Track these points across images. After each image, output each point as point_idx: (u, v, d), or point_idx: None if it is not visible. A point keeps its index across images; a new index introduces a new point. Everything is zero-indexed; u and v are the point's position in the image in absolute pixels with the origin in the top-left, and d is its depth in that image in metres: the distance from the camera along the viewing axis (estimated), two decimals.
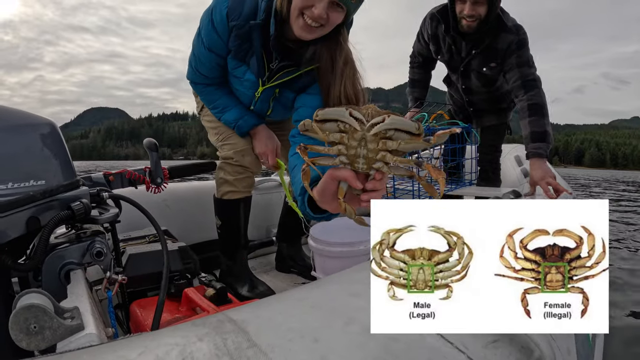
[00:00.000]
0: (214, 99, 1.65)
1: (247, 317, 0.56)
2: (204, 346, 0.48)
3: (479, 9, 2.02)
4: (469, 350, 0.54)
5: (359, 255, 1.62)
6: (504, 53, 2.12)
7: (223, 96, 1.65)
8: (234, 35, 1.42)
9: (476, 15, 2.03)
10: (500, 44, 2.12)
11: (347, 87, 1.32)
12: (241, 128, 1.66)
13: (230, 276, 1.81)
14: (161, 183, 1.58)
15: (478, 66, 2.25)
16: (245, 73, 1.51)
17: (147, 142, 1.55)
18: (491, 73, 2.24)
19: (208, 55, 1.50)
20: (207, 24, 1.43)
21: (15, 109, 0.90)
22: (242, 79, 1.54)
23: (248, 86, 1.56)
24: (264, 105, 1.64)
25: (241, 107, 1.65)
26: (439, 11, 2.22)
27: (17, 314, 0.55)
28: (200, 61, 1.55)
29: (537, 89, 2.02)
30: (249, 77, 1.52)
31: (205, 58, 1.52)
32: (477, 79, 2.33)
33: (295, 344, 0.50)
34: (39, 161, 0.88)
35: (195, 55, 1.55)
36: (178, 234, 1.74)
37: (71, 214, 0.87)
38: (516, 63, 2.08)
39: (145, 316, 1.17)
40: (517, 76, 2.07)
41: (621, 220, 6.19)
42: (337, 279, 0.75)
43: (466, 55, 2.25)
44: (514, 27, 2.12)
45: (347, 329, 0.54)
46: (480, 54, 2.21)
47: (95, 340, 0.57)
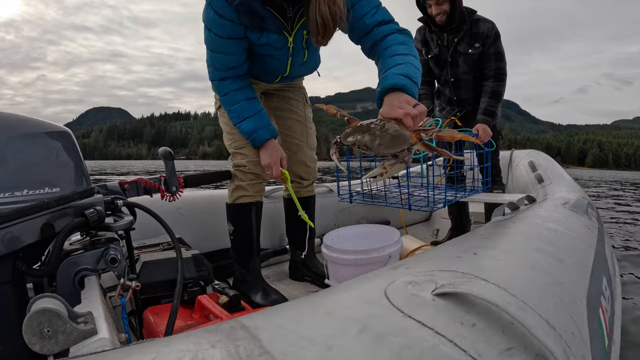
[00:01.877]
0: (235, 100, 1.66)
1: (259, 324, 0.56)
2: (216, 353, 0.48)
3: (443, 6, 2.48)
4: (483, 358, 0.53)
5: (372, 263, 1.61)
6: (485, 36, 2.56)
7: (243, 101, 1.66)
8: (243, 12, 1.44)
9: (442, 12, 2.49)
10: (481, 29, 2.56)
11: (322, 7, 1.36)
12: (255, 141, 1.68)
13: (243, 284, 1.82)
14: (176, 192, 1.59)
15: (464, 49, 2.62)
16: (269, 36, 1.54)
17: (163, 150, 1.56)
18: (477, 53, 2.60)
19: (229, 43, 1.53)
20: (213, 16, 1.45)
21: (30, 117, 0.91)
22: (269, 42, 1.56)
23: (279, 46, 1.59)
24: (300, 55, 1.68)
25: (258, 118, 1.67)
26: (420, 18, 2.69)
27: (31, 317, 0.55)
28: (224, 55, 1.57)
29: (503, 82, 2.61)
30: (274, 37, 1.55)
31: (228, 48, 1.54)
32: (465, 63, 2.66)
33: (308, 351, 0.49)
34: (54, 169, 0.89)
35: (215, 52, 1.57)
36: (192, 242, 1.75)
37: (85, 221, 0.88)
38: (493, 54, 2.58)
39: (159, 323, 1.18)
40: (494, 67, 2.59)
41: None
42: (350, 286, 0.74)
43: (450, 44, 2.65)
44: (486, 18, 2.59)
45: (360, 337, 0.53)
46: (464, 39, 2.60)
47: (108, 345, 0.57)
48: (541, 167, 3.12)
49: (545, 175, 2.90)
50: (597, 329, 0.86)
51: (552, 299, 0.75)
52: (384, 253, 1.62)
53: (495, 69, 2.59)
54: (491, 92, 2.59)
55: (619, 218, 6.76)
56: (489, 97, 2.59)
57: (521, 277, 0.80)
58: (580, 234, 1.32)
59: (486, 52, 2.58)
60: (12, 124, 0.86)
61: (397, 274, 0.76)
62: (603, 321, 0.96)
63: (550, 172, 2.98)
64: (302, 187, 2.05)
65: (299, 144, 2.01)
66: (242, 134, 1.71)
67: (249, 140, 1.70)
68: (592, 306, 0.89)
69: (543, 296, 0.74)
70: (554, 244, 1.08)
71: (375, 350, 0.51)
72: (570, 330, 0.69)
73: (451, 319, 0.59)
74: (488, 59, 2.60)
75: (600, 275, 1.16)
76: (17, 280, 0.85)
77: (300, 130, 2.01)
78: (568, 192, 2.19)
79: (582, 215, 1.62)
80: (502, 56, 2.61)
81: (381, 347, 0.51)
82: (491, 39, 2.55)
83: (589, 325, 0.80)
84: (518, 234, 1.14)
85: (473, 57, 2.61)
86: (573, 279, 0.92)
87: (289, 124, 2.00)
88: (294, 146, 2.00)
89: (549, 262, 0.93)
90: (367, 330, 0.54)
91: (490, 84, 2.61)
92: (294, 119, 2.00)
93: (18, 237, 0.80)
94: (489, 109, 2.57)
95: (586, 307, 0.84)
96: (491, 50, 2.57)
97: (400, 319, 0.58)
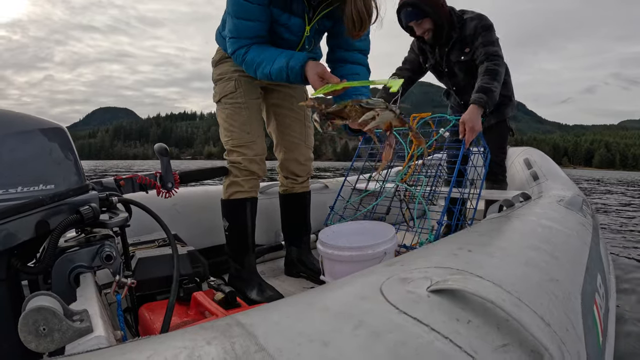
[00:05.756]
0: (260, 53, 1.58)
1: (255, 320, 0.56)
2: (212, 350, 0.48)
3: (424, 25, 2.40)
4: (478, 354, 0.53)
5: (368, 260, 1.61)
6: (472, 37, 2.42)
7: (268, 49, 1.59)
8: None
9: (425, 30, 2.42)
10: (468, 31, 2.43)
11: (358, 2, 1.44)
12: (293, 69, 1.52)
13: (238, 280, 1.82)
14: (172, 188, 1.59)
15: (456, 57, 2.53)
16: (290, 18, 1.57)
17: (158, 147, 1.56)
18: (468, 58, 2.48)
19: (254, 9, 1.51)
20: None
21: (24, 114, 0.90)
22: (288, 24, 1.60)
23: (295, 30, 1.63)
24: (309, 44, 1.73)
25: (287, 53, 1.57)
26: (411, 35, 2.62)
27: (27, 316, 0.55)
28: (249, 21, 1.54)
29: (498, 60, 2.33)
30: (295, 21, 1.59)
31: (253, 14, 1.52)
32: (460, 70, 2.58)
33: (304, 348, 0.49)
34: (48, 165, 0.89)
35: (239, 18, 1.54)
36: (187, 238, 1.75)
37: (80, 218, 0.88)
38: (482, 42, 2.39)
39: (154, 319, 1.18)
40: (483, 52, 2.37)
41: None
42: (346, 283, 0.74)
43: (441, 56, 2.58)
44: (475, 15, 2.46)
45: (355, 333, 0.53)
46: (455, 46, 2.50)
47: (104, 343, 0.57)
48: (536, 165, 3.13)
49: (541, 172, 2.91)
50: (592, 326, 0.87)
51: (547, 296, 0.75)
52: (379, 250, 1.62)
53: (485, 53, 2.35)
54: (486, 71, 2.30)
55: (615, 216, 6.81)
56: (484, 75, 2.29)
57: (516, 274, 0.80)
58: (575, 231, 1.33)
59: (474, 47, 2.43)
60: (6, 120, 0.85)
61: (392, 271, 0.76)
62: (597, 318, 0.96)
63: (545, 170, 2.98)
64: (296, 183, 2.06)
65: (297, 143, 2.01)
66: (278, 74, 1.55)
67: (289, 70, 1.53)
68: (586, 303, 0.89)
69: (538, 293, 0.75)
70: (549, 241, 1.09)
71: (370, 346, 0.51)
72: (565, 326, 0.70)
73: (446, 315, 0.59)
74: (477, 50, 2.42)
75: (595, 272, 1.17)
76: (12, 278, 0.85)
77: (299, 129, 2.01)
78: (563, 189, 2.20)
79: (577, 213, 1.63)
80: (492, 42, 2.38)
81: (377, 343, 0.51)
82: (478, 34, 2.39)
83: (584, 322, 0.80)
84: (513, 231, 1.15)
85: (467, 63, 2.52)
86: (568, 276, 0.92)
87: (288, 122, 2.00)
88: (291, 144, 2.01)
89: (544, 259, 0.93)
90: (363, 327, 0.55)
91: (483, 66, 2.33)
92: (293, 117, 2.00)
93: (12, 235, 0.80)
94: (484, 85, 2.24)
95: (581, 304, 0.85)
96: (478, 41, 2.39)
97: (396, 316, 0.58)
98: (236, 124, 1.78)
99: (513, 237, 1.08)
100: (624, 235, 4.91)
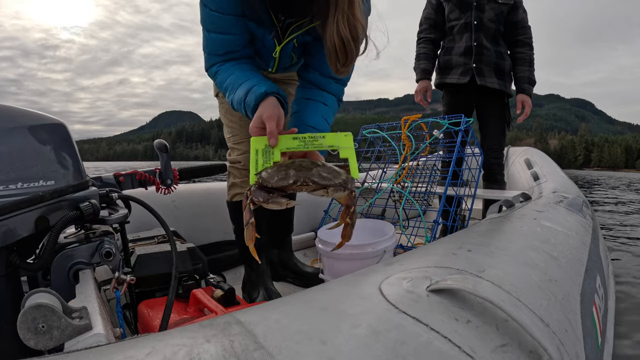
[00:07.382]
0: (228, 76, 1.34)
1: (254, 319, 0.56)
2: (211, 347, 0.48)
3: None
4: (477, 354, 0.53)
5: (368, 258, 1.61)
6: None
7: (235, 71, 1.34)
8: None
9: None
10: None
11: (340, 25, 1.12)
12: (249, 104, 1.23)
13: (249, 283, 1.80)
14: (171, 184, 1.59)
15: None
16: (265, 35, 1.37)
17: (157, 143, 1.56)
18: (508, 5, 2.53)
19: (226, 20, 1.29)
20: None
21: (25, 109, 0.90)
22: (264, 41, 1.40)
23: (270, 48, 1.43)
24: (287, 60, 1.53)
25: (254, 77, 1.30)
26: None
27: (26, 313, 0.55)
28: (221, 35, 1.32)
29: (533, 49, 2.60)
30: (269, 38, 1.38)
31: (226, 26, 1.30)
32: (492, 10, 2.55)
33: (303, 346, 0.49)
34: (48, 162, 0.88)
35: (210, 31, 1.33)
36: (187, 235, 1.75)
37: (80, 215, 0.88)
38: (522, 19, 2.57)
39: (153, 316, 1.18)
40: (529, 35, 2.58)
41: None
42: (345, 281, 0.74)
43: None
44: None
45: (354, 332, 0.53)
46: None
47: (103, 340, 0.57)
48: (537, 165, 3.13)
49: (541, 172, 2.91)
50: (591, 327, 0.87)
51: (546, 297, 0.75)
52: (379, 248, 1.63)
53: (529, 37, 2.57)
54: (530, 61, 2.56)
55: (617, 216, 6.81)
56: (529, 66, 2.56)
57: (516, 274, 0.80)
58: (574, 232, 1.33)
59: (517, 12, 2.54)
60: (7, 116, 0.85)
61: (391, 270, 0.76)
62: (596, 319, 0.97)
63: (546, 170, 2.98)
64: None
65: None
66: (239, 108, 1.28)
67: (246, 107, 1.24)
68: (585, 304, 0.89)
69: (537, 293, 0.75)
70: (548, 241, 1.09)
71: (369, 345, 0.51)
72: (564, 327, 0.70)
73: (445, 315, 0.59)
74: (522, 25, 2.56)
75: (594, 273, 1.17)
76: (11, 274, 0.85)
77: None
78: (563, 190, 2.20)
79: (577, 214, 1.63)
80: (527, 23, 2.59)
81: (376, 342, 0.51)
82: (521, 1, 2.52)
83: (583, 323, 0.80)
84: (513, 231, 1.15)
85: (502, 8, 2.53)
86: (567, 277, 0.92)
87: (286, 120, 1.95)
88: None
89: (543, 259, 0.94)
90: (362, 326, 0.54)
91: (527, 52, 2.57)
92: None
93: (12, 231, 0.80)
94: (533, 78, 2.56)
95: (580, 305, 0.85)
96: (522, 16, 2.54)
97: (395, 315, 0.58)
98: (235, 118, 1.74)
99: (513, 237, 1.08)
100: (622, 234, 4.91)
